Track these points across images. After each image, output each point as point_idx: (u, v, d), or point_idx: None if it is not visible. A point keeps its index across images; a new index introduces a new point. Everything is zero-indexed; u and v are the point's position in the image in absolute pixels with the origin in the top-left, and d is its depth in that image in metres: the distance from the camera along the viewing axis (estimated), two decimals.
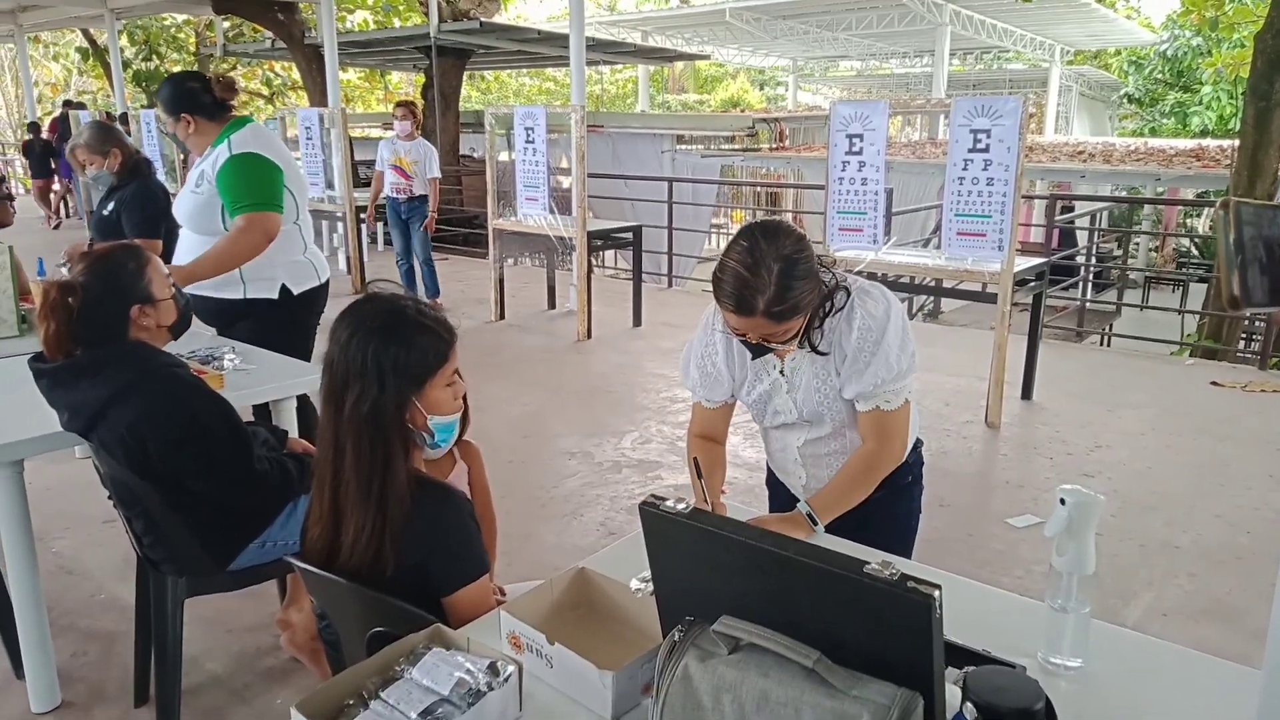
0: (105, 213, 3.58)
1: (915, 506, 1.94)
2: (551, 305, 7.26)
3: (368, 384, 1.39)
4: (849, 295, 1.63)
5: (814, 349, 1.65)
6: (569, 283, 6.88)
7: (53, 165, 12.93)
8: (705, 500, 1.64)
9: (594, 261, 6.76)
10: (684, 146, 15.32)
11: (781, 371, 1.72)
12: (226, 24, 15.37)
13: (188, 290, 2.90)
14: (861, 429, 1.71)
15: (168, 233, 3.38)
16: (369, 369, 1.39)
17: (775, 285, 1.48)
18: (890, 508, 1.82)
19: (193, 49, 20.15)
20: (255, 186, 2.86)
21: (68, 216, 13.35)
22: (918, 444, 1.90)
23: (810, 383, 1.70)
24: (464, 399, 1.54)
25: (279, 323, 2.99)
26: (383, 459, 1.39)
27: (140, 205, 3.60)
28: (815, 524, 1.64)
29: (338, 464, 1.41)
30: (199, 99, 2.91)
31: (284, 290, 3.00)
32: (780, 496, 1.96)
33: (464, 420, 1.57)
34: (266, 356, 2.76)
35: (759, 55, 25.31)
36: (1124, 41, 22.00)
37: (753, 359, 1.70)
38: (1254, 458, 4.01)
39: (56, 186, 13.37)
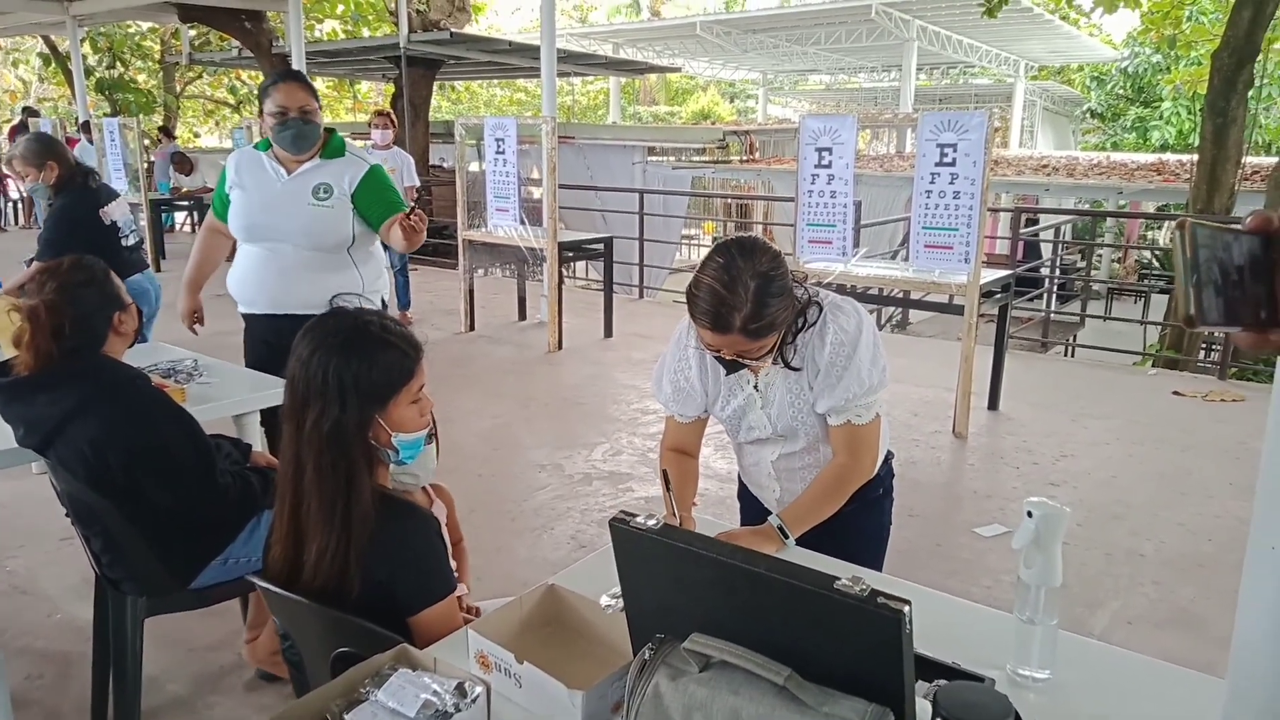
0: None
1: (886, 519, 1.95)
2: (522, 316, 7.23)
3: (329, 402, 1.36)
4: (821, 310, 1.63)
5: (787, 365, 1.65)
6: (539, 294, 6.85)
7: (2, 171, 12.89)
8: (674, 514, 1.63)
9: (565, 272, 6.75)
10: (655, 158, 15.37)
11: (755, 387, 1.72)
12: (193, 32, 15.19)
13: (266, 312, 2.83)
14: (833, 443, 1.72)
15: (91, 244, 3.17)
16: (330, 386, 1.37)
17: (751, 303, 1.48)
18: (861, 521, 1.82)
19: (158, 57, 19.91)
20: (394, 190, 2.89)
21: (17, 224, 13.25)
22: (888, 457, 1.90)
23: (784, 398, 1.70)
24: (431, 415, 1.53)
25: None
26: (345, 477, 1.37)
27: (54, 224, 3.58)
28: (786, 537, 1.64)
29: (298, 482, 1.39)
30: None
31: (383, 301, 2.99)
32: (752, 510, 1.96)
33: (433, 438, 1.55)
34: (229, 370, 2.72)
35: (729, 68, 25.50)
36: (1086, 58, 22.45)
37: (726, 375, 1.70)
38: (1215, 466, 4.09)
39: (10, 192, 13.30)
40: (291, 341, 1.44)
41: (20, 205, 13.41)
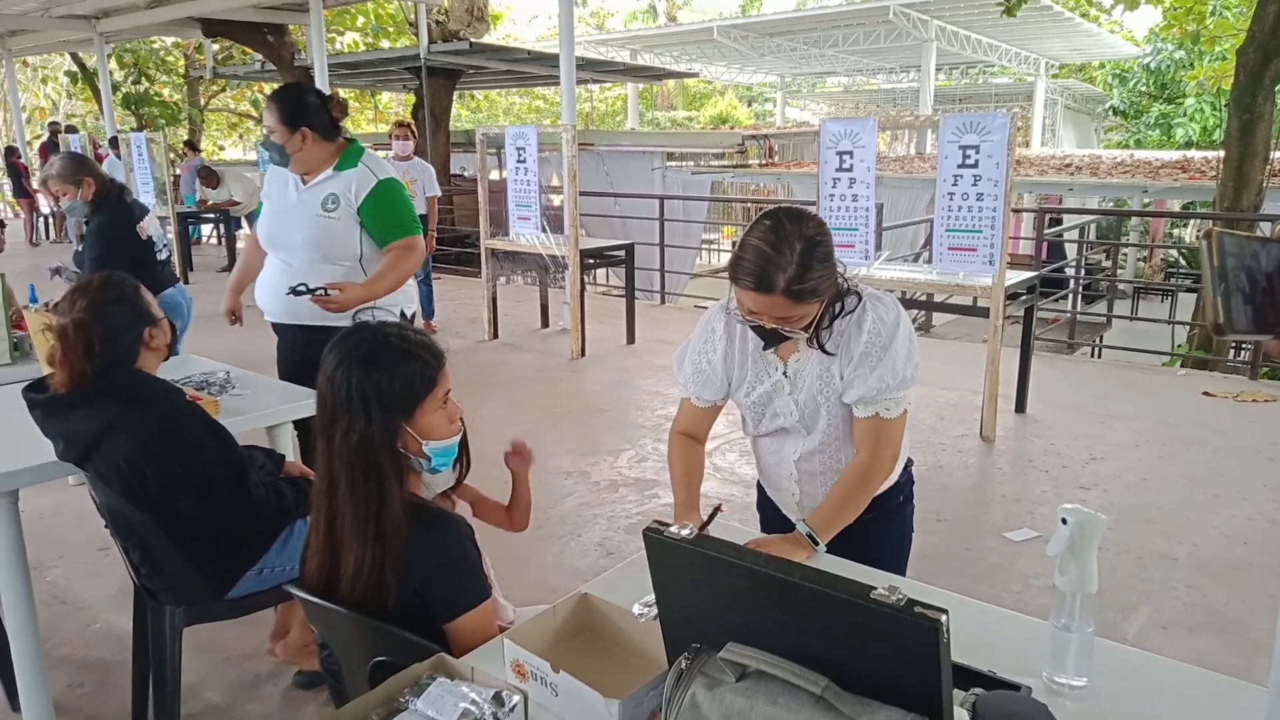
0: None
1: (907, 527, 1.93)
2: (545, 324, 7.26)
3: (354, 416, 1.39)
4: (860, 299, 1.64)
5: (822, 348, 1.65)
6: (562, 301, 6.88)
7: (30, 188, 13.25)
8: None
9: (586, 279, 6.77)
10: (674, 163, 15.39)
11: (785, 373, 1.71)
12: (216, 46, 15.40)
13: (300, 323, 2.82)
14: (857, 436, 1.70)
15: (132, 259, 3.30)
16: (354, 400, 1.39)
17: (797, 264, 1.50)
18: (881, 529, 1.80)
19: (182, 71, 20.19)
20: (407, 209, 2.86)
21: (49, 238, 13.51)
22: (908, 464, 1.89)
23: (813, 385, 1.69)
24: (461, 420, 1.54)
25: None
26: (376, 489, 1.39)
27: (97, 240, 3.63)
28: (816, 544, 1.63)
29: (332, 496, 1.42)
30: (319, 115, 2.78)
31: (402, 314, 2.92)
32: (772, 519, 1.94)
33: (464, 445, 1.57)
34: (261, 382, 2.76)
35: (747, 72, 25.51)
36: (1107, 55, 22.25)
37: (763, 349, 1.68)
38: (1248, 468, 4.03)
39: (42, 208, 13.60)
40: (313, 353, 1.47)
41: (52, 220, 13.69)
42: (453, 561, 1.43)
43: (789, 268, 1.49)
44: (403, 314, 2.97)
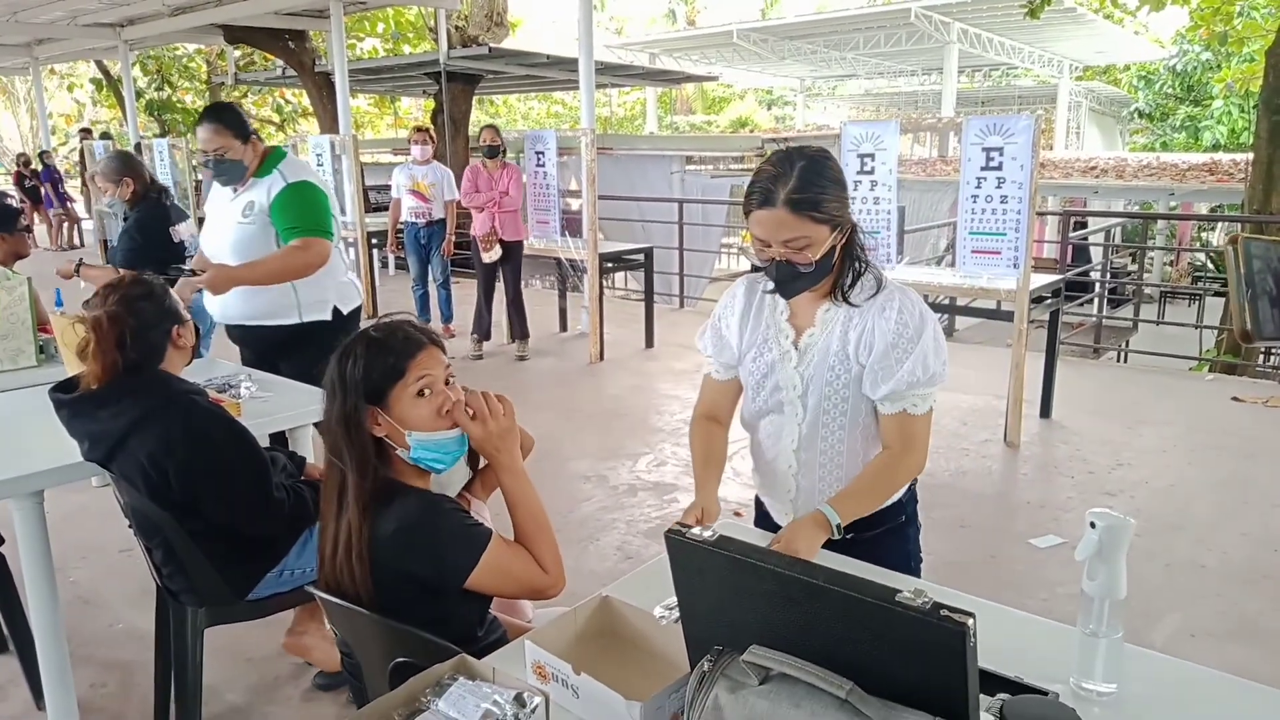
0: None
1: (912, 548, 1.81)
2: (563, 328, 7.27)
3: (329, 400, 1.49)
4: (883, 284, 1.62)
5: (845, 299, 1.61)
6: (580, 305, 6.89)
7: (44, 194, 13.79)
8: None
9: (605, 283, 6.77)
10: (693, 167, 15.37)
11: (795, 344, 1.67)
12: (237, 53, 15.55)
13: (235, 323, 3.01)
14: (884, 434, 1.65)
15: (160, 260, 3.37)
16: (326, 386, 1.49)
17: (797, 178, 1.52)
18: (883, 551, 1.66)
19: (204, 78, 20.42)
20: (311, 212, 2.93)
21: (70, 245, 13.79)
22: (912, 482, 1.77)
23: (824, 360, 1.63)
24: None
25: (333, 344, 3.00)
26: (339, 471, 1.47)
27: (130, 237, 3.75)
28: (836, 527, 1.55)
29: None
30: (249, 123, 2.94)
31: (335, 311, 3.07)
32: (770, 529, 1.82)
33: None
34: (282, 384, 2.77)
35: (767, 75, 25.47)
36: (1132, 57, 22.02)
37: (784, 295, 1.64)
38: (1278, 474, 3.96)
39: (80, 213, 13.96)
40: (258, 349, 1.56)
41: (63, 229, 14.14)
42: (429, 535, 1.42)
43: (789, 180, 1.52)
44: (336, 311, 3.07)
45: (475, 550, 1.43)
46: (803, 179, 1.52)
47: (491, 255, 6.12)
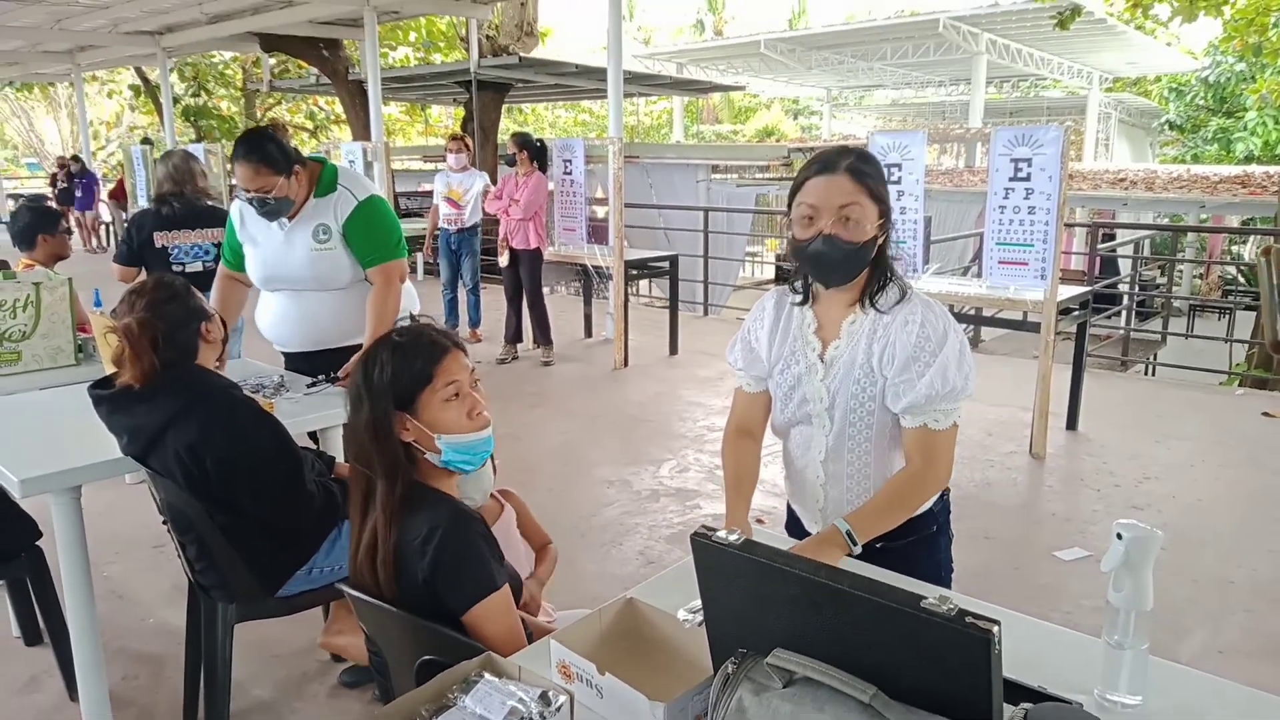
0: None
1: (943, 558, 1.80)
2: (588, 334, 7.30)
3: (355, 406, 1.50)
4: (909, 294, 1.65)
5: (873, 304, 1.64)
6: (606, 311, 6.92)
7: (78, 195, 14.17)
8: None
9: (630, 290, 6.80)
10: (719, 176, 15.38)
11: (821, 358, 1.68)
12: (273, 60, 15.79)
13: (305, 350, 2.88)
14: (906, 448, 1.65)
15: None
16: (353, 391, 1.51)
17: (859, 155, 1.61)
18: (913, 562, 1.66)
19: (240, 85, 20.75)
20: (389, 233, 2.80)
21: (102, 248, 14.17)
22: (944, 492, 1.78)
23: (849, 373, 1.65)
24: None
25: None
26: (368, 476, 1.48)
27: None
28: (855, 545, 1.57)
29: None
30: (289, 149, 2.70)
31: (411, 317, 3.01)
32: (799, 536, 1.84)
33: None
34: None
35: (793, 85, 25.43)
36: (1164, 68, 21.77)
37: (824, 285, 1.65)
38: None
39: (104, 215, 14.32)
40: (322, 369, 1.56)
41: (96, 233, 14.57)
42: (453, 551, 1.43)
43: (852, 155, 1.61)
44: (411, 316, 3.02)
45: (484, 588, 1.44)
46: (864, 157, 1.62)
47: (501, 260, 6.27)
